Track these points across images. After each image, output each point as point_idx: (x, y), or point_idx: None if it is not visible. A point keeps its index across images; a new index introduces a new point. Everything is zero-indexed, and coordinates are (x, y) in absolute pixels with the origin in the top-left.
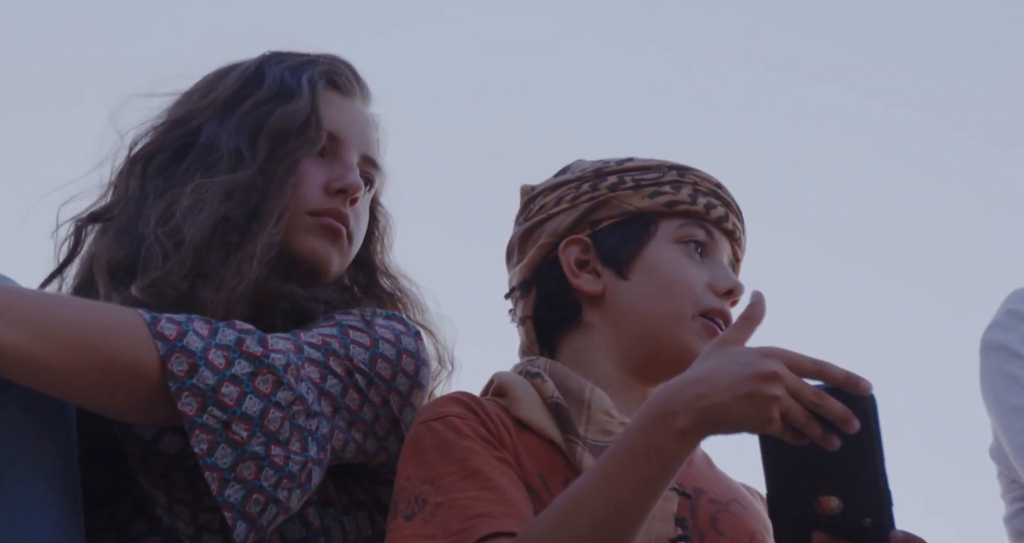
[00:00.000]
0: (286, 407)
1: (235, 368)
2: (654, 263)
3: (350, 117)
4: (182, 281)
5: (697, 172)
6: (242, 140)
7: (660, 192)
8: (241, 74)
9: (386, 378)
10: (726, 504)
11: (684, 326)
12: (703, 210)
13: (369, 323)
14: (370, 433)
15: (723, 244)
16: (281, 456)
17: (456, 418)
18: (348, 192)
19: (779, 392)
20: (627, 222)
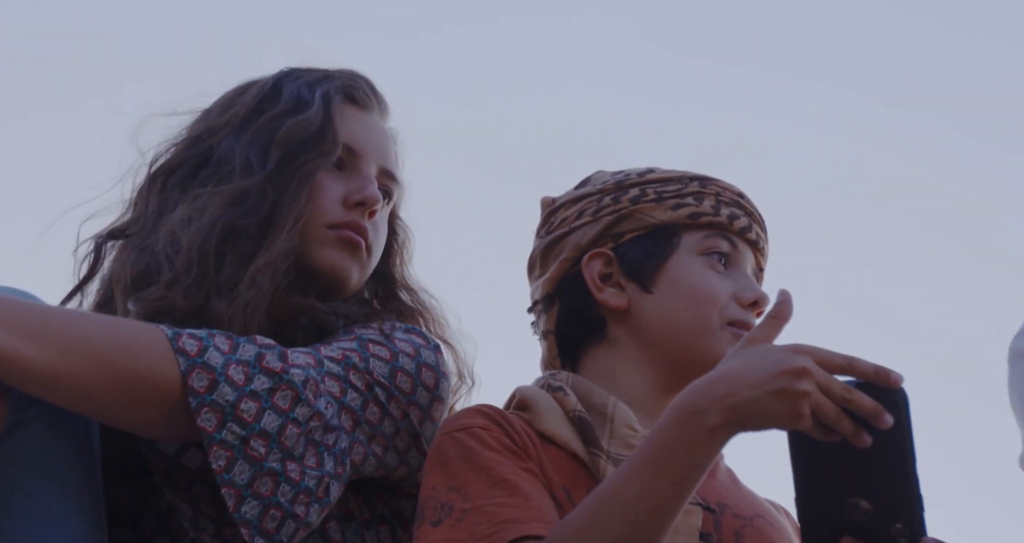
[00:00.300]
0: (303, 423)
1: (254, 384)
2: (678, 276)
3: (368, 130)
4: (194, 292)
5: (719, 182)
6: (253, 151)
7: (683, 204)
8: (259, 90)
9: (406, 391)
10: (751, 519)
11: (713, 336)
12: (726, 221)
13: (389, 337)
14: (390, 447)
15: (747, 254)
16: (297, 471)
17: (481, 429)
18: (367, 205)
19: (809, 388)
20: (650, 235)
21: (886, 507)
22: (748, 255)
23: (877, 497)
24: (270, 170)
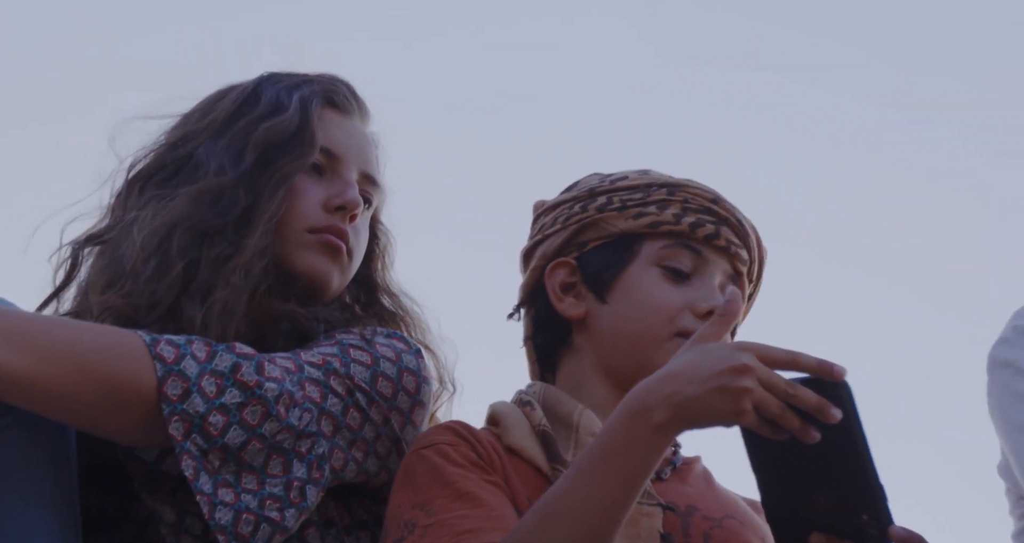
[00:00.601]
0: (269, 438)
1: (225, 397)
2: (632, 286)
3: (348, 135)
4: (160, 294)
5: (691, 188)
6: (228, 154)
7: (644, 213)
8: (238, 95)
9: (387, 396)
10: (720, 520)
11: (660, 348)
12: (687, 229)
13: (370, 341)
14: (371, 452)
15: (715, 262)
16: (254, 481)
17: (447, 445)
18: (347, 209)
19: (750, 384)
20: (611, 244)
21: (849, 499)
22: (718, 263)
23: (839, 490)
24: (244, 171)
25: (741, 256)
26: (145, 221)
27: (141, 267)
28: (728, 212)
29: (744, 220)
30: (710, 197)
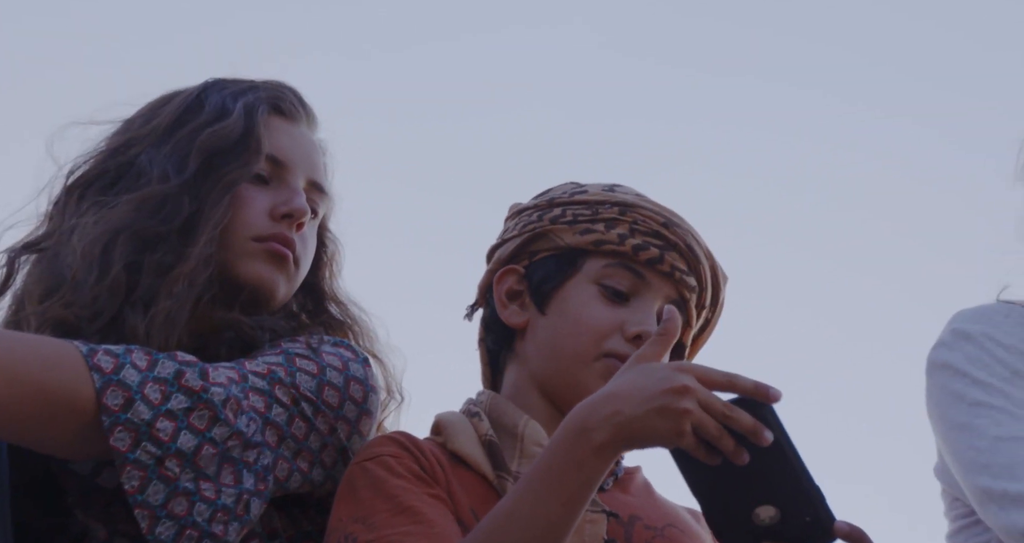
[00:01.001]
0: (220, 443)
1: (171, 403)
2: (569, 301)
3: (295, 142)
4: (101, 304)
5: (643, 210)
6: (172, 160)
7: (591, 230)
8: (182, 101)
9: (333, 406)
10: (662, 529)
11: (586, 367)
12: (630, 251)
13: (316, 350)
14: (316, 462)
15: (658, 286)
16: (212, 490)
17: (390, 457)
18: (294, 217)
19: (690, 406)
20: (557, 257)
21: (789, 508)
22: (660, 287)
23: (777, 502)
24: (188, 178)
25: (687, 282)
26: (86, 228)
27: (83, 276)
28: (679, 237)
29: (697, 246)
30: (661, 221)
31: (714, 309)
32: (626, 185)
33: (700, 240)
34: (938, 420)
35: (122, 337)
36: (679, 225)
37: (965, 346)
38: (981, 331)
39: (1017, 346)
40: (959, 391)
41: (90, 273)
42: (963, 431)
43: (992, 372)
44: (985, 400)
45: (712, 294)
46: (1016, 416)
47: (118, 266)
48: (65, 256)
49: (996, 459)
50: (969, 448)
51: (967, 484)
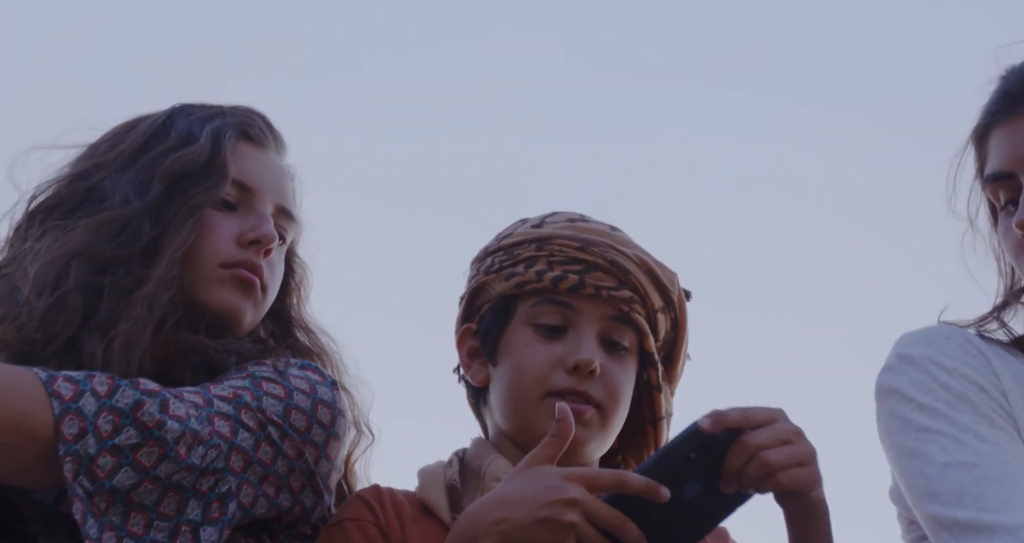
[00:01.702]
0: (164, 479)
1: (120, 437)
2: (510, 348)
3: (264, 168)
4: (56, 329)
5: (559, 239)
6: (134, 184)
7: (513, 273)
8: (149, 126)
9: (301, 430)
10: None
11: (534, 409)
12: (551, 285)
13: (283, 373)
14: (284, 487)
15: (589, 310)
16: (142, 523)
17: (350, 522)
18: (262, 243)
19: (575, 518)
20: (495, 307)
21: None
22: (593, 311)
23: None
24: (150, 202)
25: (620, 297)
26: (39, 253)
27: (35, 300)
28: (598, 256)
29: (622, 257)
30: (576, 245)
31: (672, 310)
32: (564, 211)
33: (627, 249)
34: (889, 446)
35: (79, 363)
36: (597, 243)
37: (910, 371)
38: (924, 355)
39: (959, 369)
40: (906, 417)
41: (41, 297)
42: (912, 458)
43: (936, 397)
44: (932, 426)
45: (662, 295)
46: (961, 441)
47: (73, 290)
48: (19, 281)
49: (944, 486)
50: (919, 475)
51: (918, 511)
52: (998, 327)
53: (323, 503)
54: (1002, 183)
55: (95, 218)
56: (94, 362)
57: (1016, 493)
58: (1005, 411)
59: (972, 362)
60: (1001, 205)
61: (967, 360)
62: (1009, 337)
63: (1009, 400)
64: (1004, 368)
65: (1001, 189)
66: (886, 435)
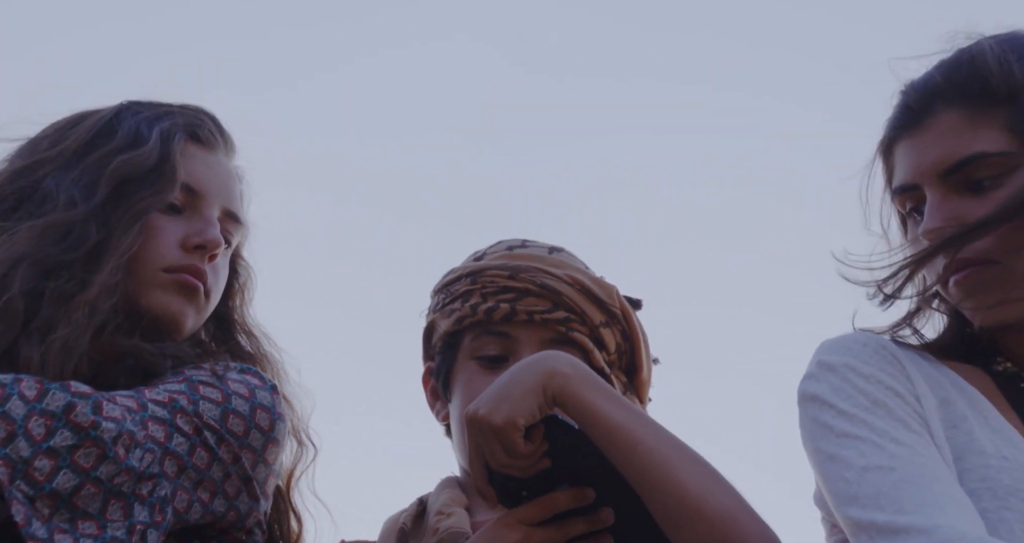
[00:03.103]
0: (106, 481)
1: (55, 439)
2: (460, 384)
3: (211, 170)
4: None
5: (490, 271)
6: (80, 186)
7: (453, 310)
8: (94, 124)
9: (238, 434)
10: None
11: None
12: (484, 317)
13: (221, 378)
14: (219, 492)
15: (526, 337)
16: (94, 527)
17: None
18: (207, 248)
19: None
20: (444, 345)
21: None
22: (529, 336)
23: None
24: (96, 205)
25: (555, 319)
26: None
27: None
28: (527, 281)
29: (552, 280)
30: (506, 274)
31: (618, 321)
32: (506, 240)
33: (558, 271)
34: (811, 451)
35: (16, 366)
36: (526, 269)
37: (830, 377)
38: (843, 362)
39: (876, 375)
40: (827, 422)
41: None
42: (833, 462)
43: (855, 403)
44: (851, 431)
45: (602, 310)
46: (879, 445)
47: (17, 296)
48: None
49: (863, 490)
50: (839, 479)
51: (839, 515)
52: (911, 333)
53: (259, 508)
54: (908, 194)
55: (40, 222)
56: (30, 366)
57: (930, 495)
58: (919, 415)
59: (888, 368)
60: (908, 214)
61: (883, 366)
62: (920, 342)
63: (923, 404)
64: (917, 373)
65: (908, 200)
66: (808, 441)
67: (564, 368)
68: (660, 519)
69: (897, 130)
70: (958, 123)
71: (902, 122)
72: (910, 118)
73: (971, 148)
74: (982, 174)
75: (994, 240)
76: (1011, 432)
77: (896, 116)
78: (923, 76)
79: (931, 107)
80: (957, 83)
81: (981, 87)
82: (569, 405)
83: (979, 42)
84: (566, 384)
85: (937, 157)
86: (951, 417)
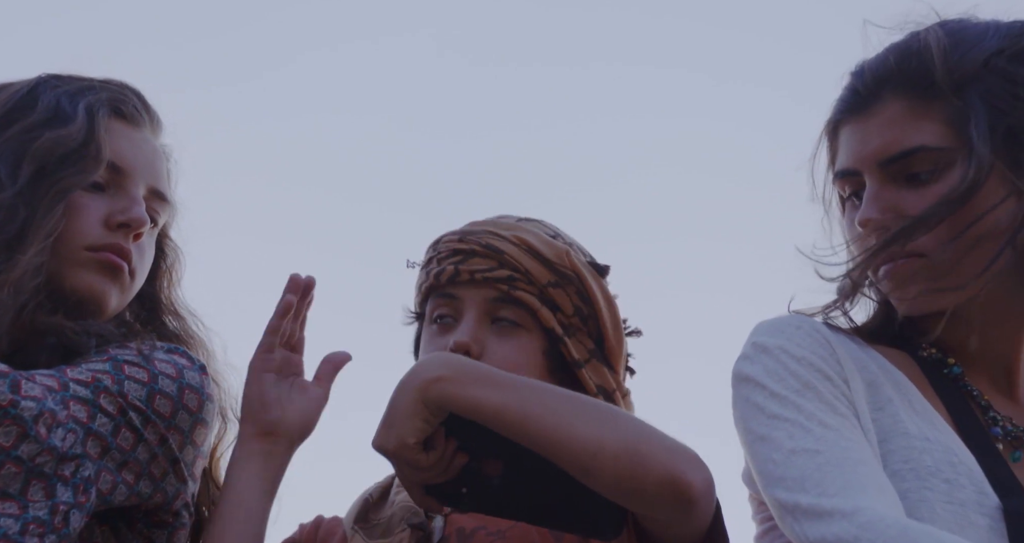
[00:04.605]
0: (27, 460)
1: None
2: (424, 347)
3: (136, 148)
4: None
5: (445, 238)
6: (3, 164)
7: (419, 280)
8: (12, 96)
9: (165, 415)
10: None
11: None
12: (434, 281)
13: (148, 357)
14: (144, 474)
15: (471, 296)
16: (16, 507)
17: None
18: (131, 227)
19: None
20: (415, 316)
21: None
22: (474, 296)
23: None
24: (22, 186)
25: (496, 277)
26: None
27: None
28: (473, 242)
29: (498, 240)
30: (456, 238)
31: (571, 282)
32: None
33: (505, 232)
34: (742, 431)
35: None
36: (474, 231)
37: (764, 359)
38: (777, 344)
39: (807, 357)
40: (759, 403)
41: None
42: (762, 443)
43: (787, 385)
44: (781, 413)
45: (551, 270)
46: (806, 428)
47: None
48: None
49: (789, 472)
50: (767, 460)
51: (766, 495)
52: (841, 315)
53: (186, 490)
54: (848, 179)
55: None
56: None
57: (854, 478)
58: (847, 398)
59: (819, 351)
60: (847, 197)
61: (815, 349)
62: (851, 325)
63: (851, 387)
64: (846, 355)
65: (848, 185)
66: (740, 421)
67: (435, 372)
68: (574, 474)
69: (843, 113)
70: (902, 113)
71: (848, 106)
72: (857, 102)
73: (913, 140)
74: (920, 167)
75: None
76: (934, 415)
77: (844, 98)
78: (875, 59)
79: (879, 93)
80: (907, 72)
81: (927, 79)
82: (452, 407)
83: (929, 30)
84: (442, 390)
85: (878, 146)
86: (877, 399)
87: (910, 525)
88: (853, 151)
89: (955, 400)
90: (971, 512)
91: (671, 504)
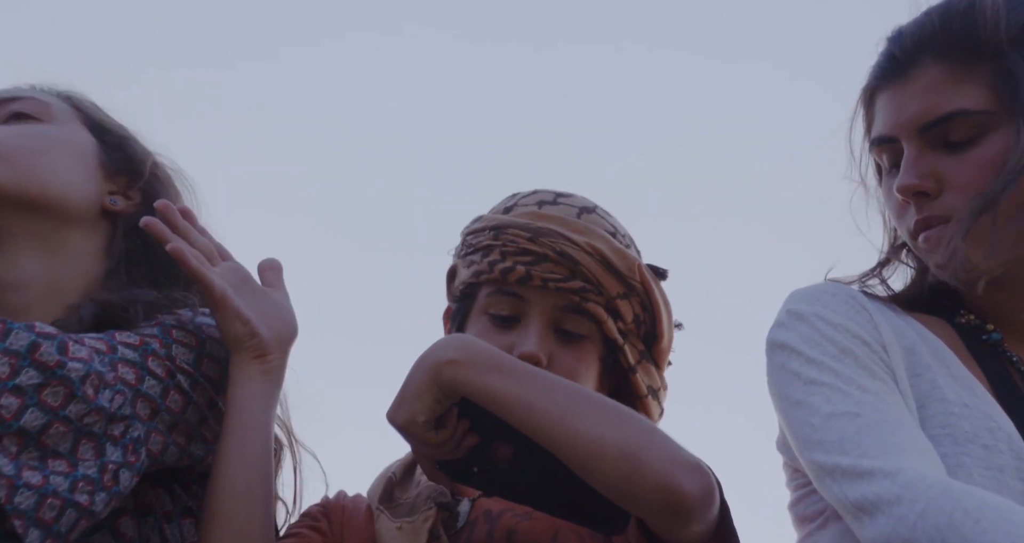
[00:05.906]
0: (75, 420)
1: (21, 377)
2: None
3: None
4: None
5: (512, 230)
6: None
7: (473, 262)
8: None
9: (213, 379)
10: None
11: None
12: (500, 276)
13: (195, 323)
14: (196, 436)
15: (538, 301)
16: (64, 465)
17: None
18: None
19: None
20: (462, 293)
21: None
22: (541, 301)
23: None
24: None
25: (569, 288)
26: None
27: None
28: (547, 247)
29: (572, 247)
30: (527, 236)
31: (637, 293)
32: (542, 191)
33: (580, 238)
34: (777, 398)
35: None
36: (548, 233)
37: (799, 326)
38: (812, 311)
39: (843, 324)
40: (796, 370)
41: None
42: (799, 408)
43: (823, 351)
44: (818, 378)
45: (620, 282)
46: (844, 392)
47: None
48: None
49: (828, 435)
50: (804, 425)
51: (803, 459)
52: (878, 283)
53: None
54: (886, 146)
55: None
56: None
57: (894, 440)
58: (885, 363)
59: (856, 317)
60: (886, 168)
61: (851, 315)
62: (888, 293)
63: (888, 353)
64: (884, 322)
65: (885, 152)
66: (775, 388)
67: (450, 355)
68: (575, 471)
69: (880, 79)
70: (942, 78)
71: (885, 71)
72: (894, 68)
73: (952, 104)
74: (960, 131)
75: (962, 202)
76: (972, 381)
77: (880, 64)
78: (914, 22)
79: (917, 58)
80: (950, 33)
81: (971, 40)
82: (462, 391)
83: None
84: (454, 373)
85: (917, 111)
86: (915, 366)
87: (952, 485)
88: (891, 118)
89: (994, 367)
90: (1009, 478)
91: (665, 512)
